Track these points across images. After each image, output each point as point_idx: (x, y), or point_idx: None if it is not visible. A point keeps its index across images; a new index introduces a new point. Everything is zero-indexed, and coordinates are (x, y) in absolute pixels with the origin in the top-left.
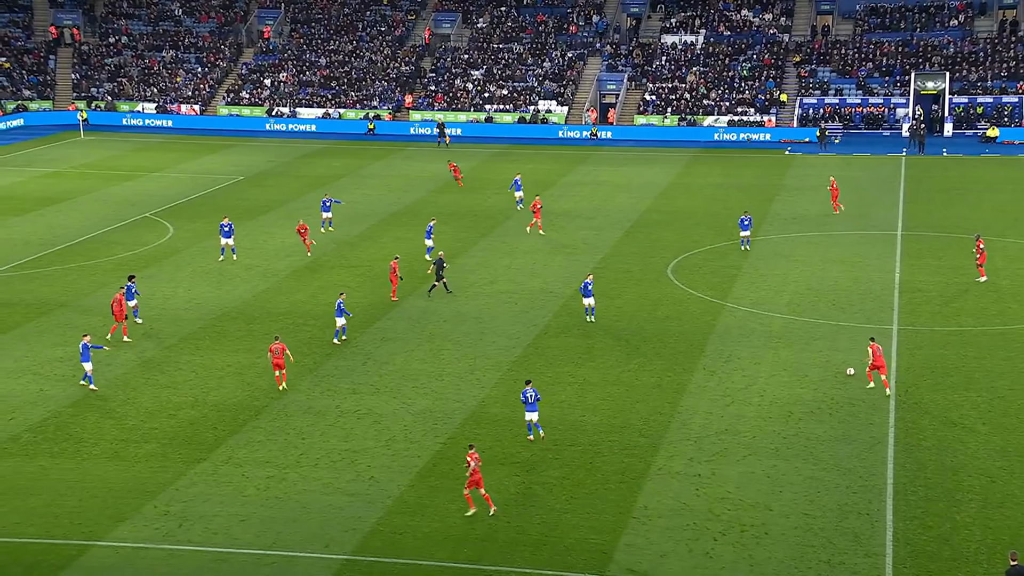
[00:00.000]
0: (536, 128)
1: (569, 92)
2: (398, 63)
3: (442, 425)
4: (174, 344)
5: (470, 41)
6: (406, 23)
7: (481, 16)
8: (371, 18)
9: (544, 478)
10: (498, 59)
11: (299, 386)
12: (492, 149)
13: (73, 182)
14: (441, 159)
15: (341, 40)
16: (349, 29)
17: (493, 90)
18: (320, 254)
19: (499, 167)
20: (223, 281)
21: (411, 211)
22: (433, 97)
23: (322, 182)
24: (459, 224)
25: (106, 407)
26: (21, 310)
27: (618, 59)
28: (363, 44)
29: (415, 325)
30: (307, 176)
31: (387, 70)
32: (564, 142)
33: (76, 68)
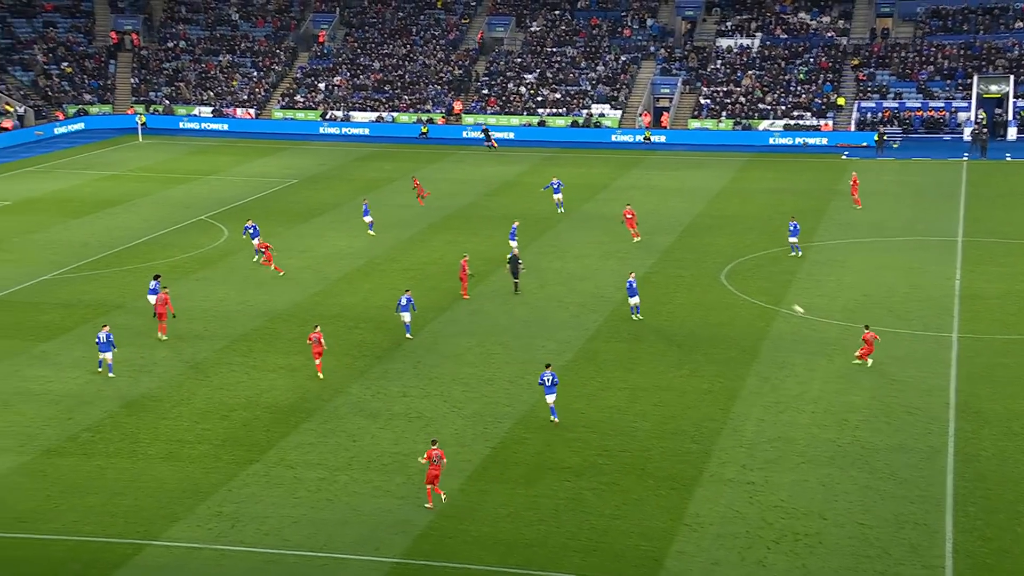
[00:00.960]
0: (589, 132)
1: (622, 96)
2: (451, 67)
3: (492, 429)
4: (227, 346)
5: (523, 45)
6: (459, 27)
7: (534, 20)
8: (424, 22)
9: (594, 483)
10: (551, 63)
11: (350, 389)
12: (544, 153)
13: (131, 185)
14: (492, 163)
15: (395, 44)
16: (403, 33)
17: (546, 94)
18: (372, 257)
19: (551, 171)
20: (276, 283)
21: (462, 215)
22: (486, 101)
23: (374, 185)
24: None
25: (160, 408)
26: (80, 311)
27: (672, 63)
28: (416, 48)
29: (466, 329)
30: (359, 179)
31: (440, 74)
32: (617, 146)
33: (135, 73)
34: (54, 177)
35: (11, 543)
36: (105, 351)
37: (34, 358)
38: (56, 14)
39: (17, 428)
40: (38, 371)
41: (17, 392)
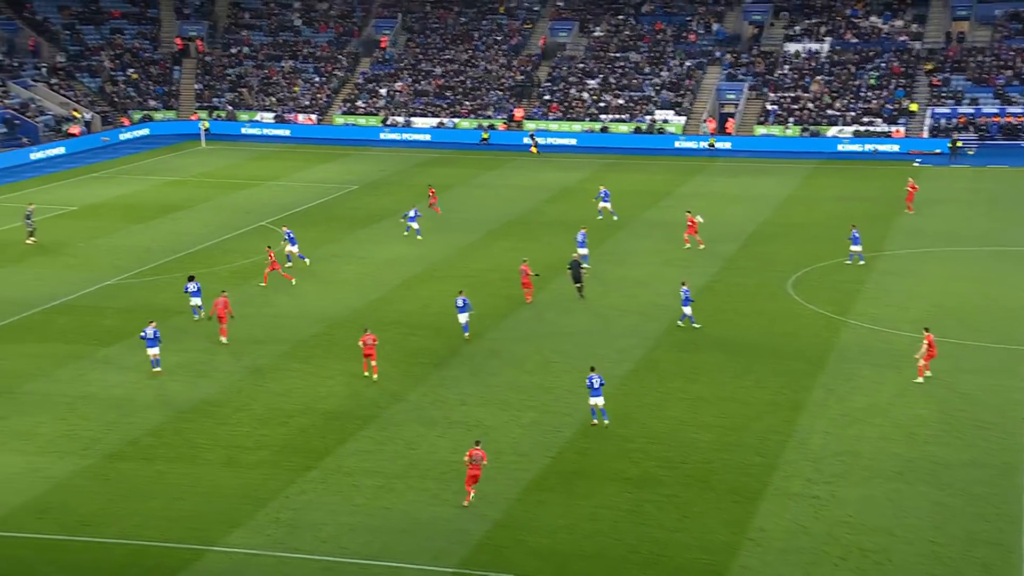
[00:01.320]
0: (652, 138)
1: (687, 102)
2: (513, 72)
3: (551, 439)
4: (286, 352)
5: (586, 50)
6: (522, 32)
7: (598, 24)
8: (487, 27)
9: (655, 495)
10: (614, 68)
11: (408, 396)
12: (606, 160)
13: (193, 190)
14: (552, 169)
15: (456, 49)
16: (464, 38)
17: (609, 100)
18: (431, 263)
19: (613, 178)
20: (335, 289)
21: (522, 221)
22: (547, 107)
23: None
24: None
25: (220, 413)
26: (142, 316)
27: (738, 68)
28: (478, 53)
29: (525, 337)
30: (419, 185)
31: (502, 79)
32: (680, 153)
33: (199, 78)
34: (119, 182)
35: (75, 546)
36: (152, 347)
37: (97, 362)
38: (123, 21)
39: (81, 431)
40: (101, 375)
41: (81, 396)
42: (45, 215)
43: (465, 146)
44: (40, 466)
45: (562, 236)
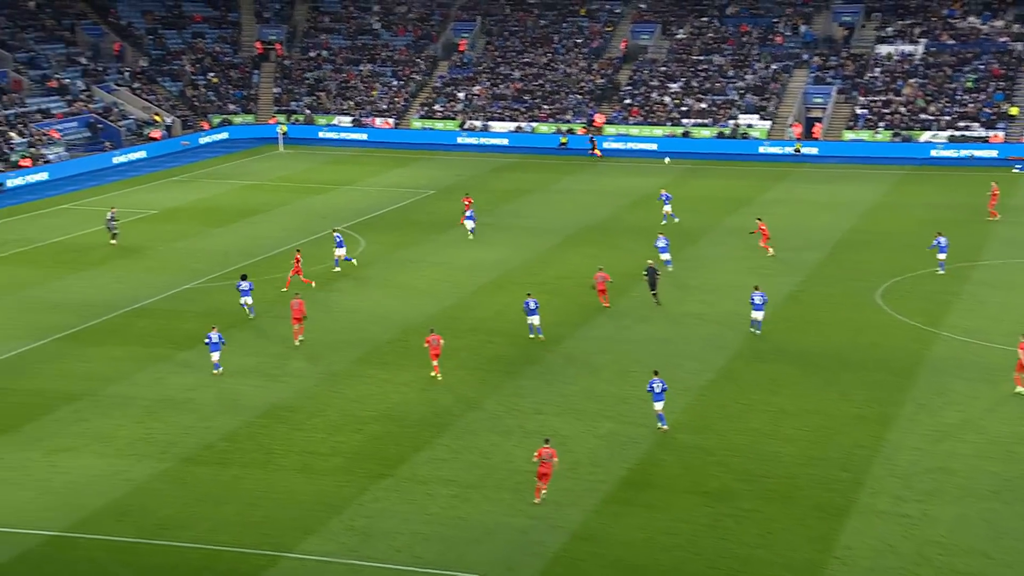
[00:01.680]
0: (735, 143)
1: (772, 106)
2: (593, 76)
3: (628, 450)
4: (361, 357)
5: (669, 53)
6: (603, 34)
7: (681, 27)
8: (567, 29)
9: (735, 509)
10: (697, 71)
11: (484, 404)
12: (688, 165)
13: (270, 194)
14: (632, 174)
15: (536, 52)
16: (544, 41)
17: (691, 103)
18: (507, 270)
19: (694, 184)
20: (410, 295)
21: (601, 227)
22: (628, 111)
23: (511, 196)
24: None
25: (295, 419)
26: (219, 320)
27: (827, 71)
28: (558, 56)
29: (601, 345)
30: (496, 190)
31: (582, 83)
32: (765, 158)
33: (278, 82)
34: (198, 186)
35: (152, 550)
36: (215, 351)
37: (176, 366)
38: (205, 25)
39: (158, 435)
40: (179, 379)
41: (159, 399)
42: (126, 219)
43: (543, 151)
44: (120, 469)
45: (641, 242)
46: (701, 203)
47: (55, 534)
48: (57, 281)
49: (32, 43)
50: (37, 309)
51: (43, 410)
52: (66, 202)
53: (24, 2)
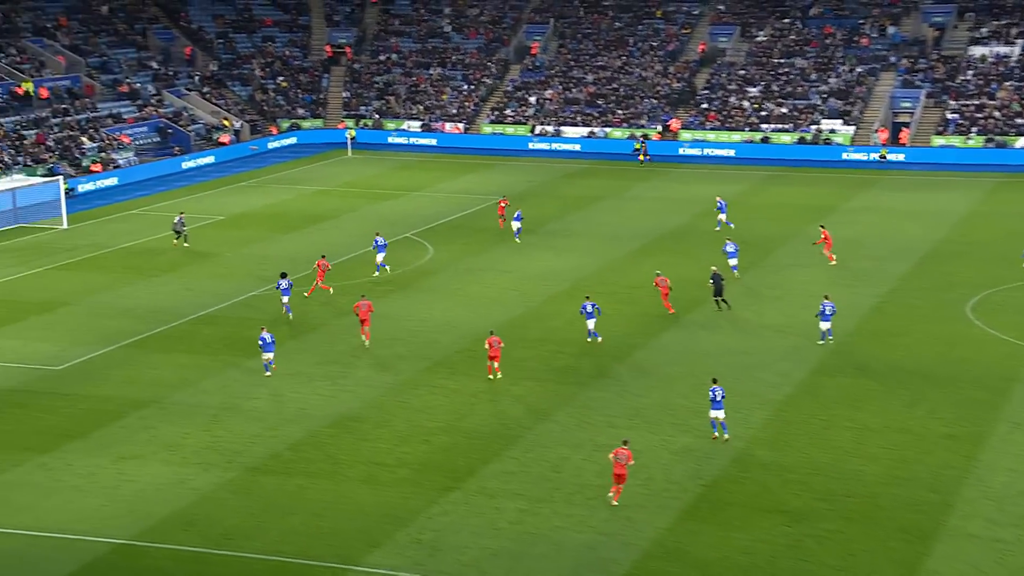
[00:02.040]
0: (817, 149)
1: (856, 110)
2: (669, 80)
3: (704, 466)
4: (428, 367)
5: (748, 56)
6: (680, 37)
7: (761, 28)
8: (643, 32)
9: (817, 530)
10: (778, 75)
11: (555, 416)
12: (767, 172)
13: (338, 200)
14: (709, 182)
15: (610, 55)
16: (619, 44)
17: (771, 108)
18: (579, 279)
19: (773, 191)
20: (479, 304)
21: (675, 235)
22: (705, 116)
23: (583, 203)
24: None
25: (361, 429)
26: (286, 328)
27: (915, 74)
28: (633, 59)
29: (676, 357)
30: (568, 197)
31: (657, 87)
32: (848, 165)
33: (347, 86)
34: (266, 192)
35: (218, 559)
36: (268, 351)
37: (242, 374)
38: (275, 29)
39: (224, 444)
40: (245, 387)
41: (226, 407)
42: (194, 224)
43: (616, 156)
44: (186, 477)
45: (718, 251)
46: (780, 211)
47: (122, 542)
48: (126, 287)
49: (104, 48)
50: (106, 315)
51: (111, 417)
52: (135, 207)
53: (97, 7)
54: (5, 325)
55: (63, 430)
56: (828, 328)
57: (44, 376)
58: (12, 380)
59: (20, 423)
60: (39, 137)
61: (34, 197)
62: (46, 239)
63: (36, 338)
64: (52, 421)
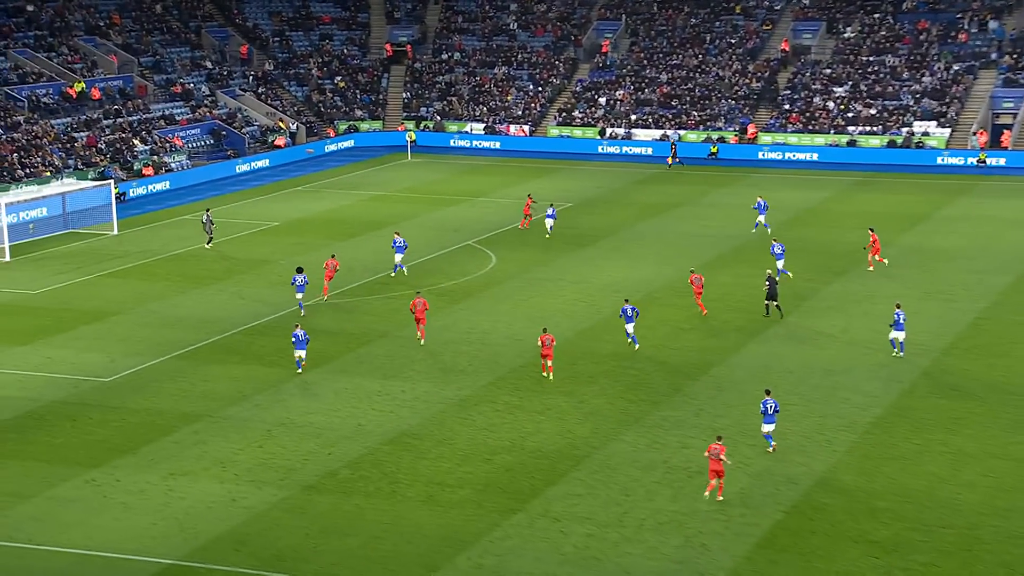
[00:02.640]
0: (909, 153)
1: (952, 111)
2: (748, 79)
3: (784, 491)
4: (492, 382)
5: (834, 53)
6: (760, 33)
7: (849, 24)
8: (720, 28)
9: (909, 563)
10: (866, 73)
11: (624, 436)
12: (853, 177)
13: (397, 206)
14: (791, 188)
15: (685, 54)
16: (695, 41)
17: (859, 109)
18: (652, 290)
19: (860, 199)
20: (545, 316)
21: (756, 245)
22: (786, 117)
23: (656, 210)
24: (810, 262)
25: (421, 447)
26: (343, 340)
27: (1019, 72)
28: (710, 58)
29: (755, 375)
30: (639, 204)
31: (735, 87)
32: (943, 170)
33: (407, 87)
34: (322, 197)
35: None
36: (300, 348)
37: (296, 388)
38: (333, 26)
39: (279, 461)
40: (300, 402)
41: (280, 423)
42: (248, 230)
43: (691, 161)
44: (238, 495)
45: (800, 263)
46: (869, 220)
47: (171, 563)
48: (178, 295)
49: (158, 47)
50: (157, 324)
51: (162, 431)
52: (188, 213)
53: (150, 5)
54: (55, 334)
55: (112, 444)
56: (902, 340)
57: (94, 388)
58: (62, 391)
59: (69, 436)
60: (90, 139)
61: (85, 202)
62: (96, 245)
63: (86, 348)
64: (102, 435)
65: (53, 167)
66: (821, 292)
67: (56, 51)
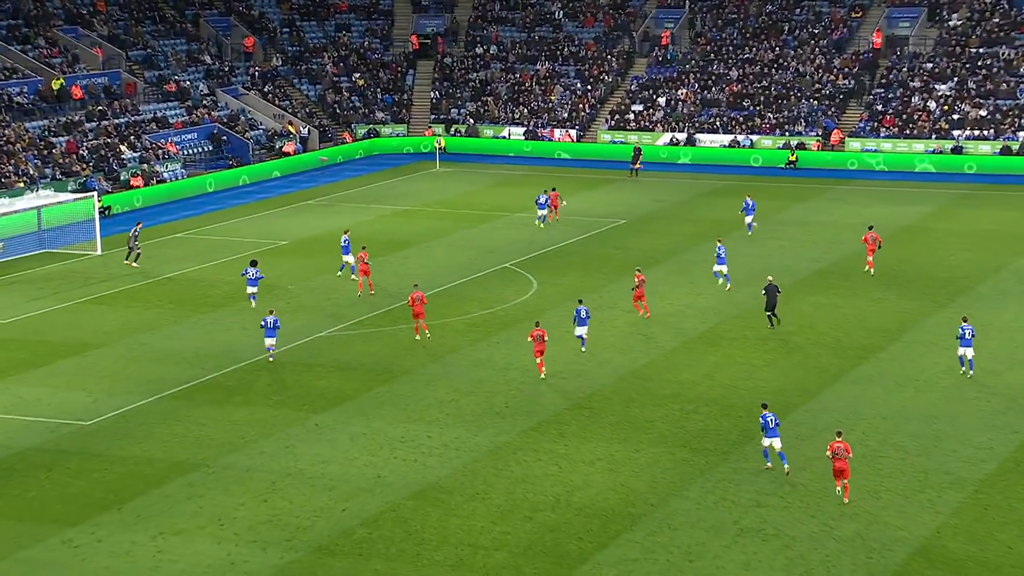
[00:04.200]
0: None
1: None
2: (834, 75)
3: (878, 558)
4: (533, 428)
5: (936, 45)
6: (848, 22)
7: (955, 11)
8: (801, 17)
9: None
10: (975, 69)
11: (687, 491)
12: (958, 190)
13: (424, 222)
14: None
15: (759, 47)
16: (771, 32)
17: (965, 110)
18: (720, 320)
19: (967, 215)
20: (596, 351)
21: (839, 270)
22: (878, 120)
23: (724, 228)
24: (909, 290)
25: (451, 502)
26: (361, 376)
27: None
28: (788, 51)
29: (842, 421)
30: (704, 220)
31: (818, 84)
32: None
33: (436, 85)
34: (337, 212)
35: None
36: (270, 336)
37: (307, 432)
38: (351, 15)
39: (286, 518)
40: (311, 448)
41: (287, 473)
42: (252, 251)
43: (765, 171)
44: (239, 558)
45: (896, 292)
46: (977, 240)
47: None
48: (171, 325)
49: (149, 38)
50: (147, 359)
51: (151, 483)
52: (183, 230)
53: None
54: (28, 370)
55: (94, 498)
56: (970, 357)
57: (73, 432)
58: (36, 437)
59: (44, 489)
60: (70, 145)
61: (63, 217)
62: (77, 267)
63: (64, 386)
64: (81, 487)
65: (27, 177)
66: (921, 324)
67: (32, 43)
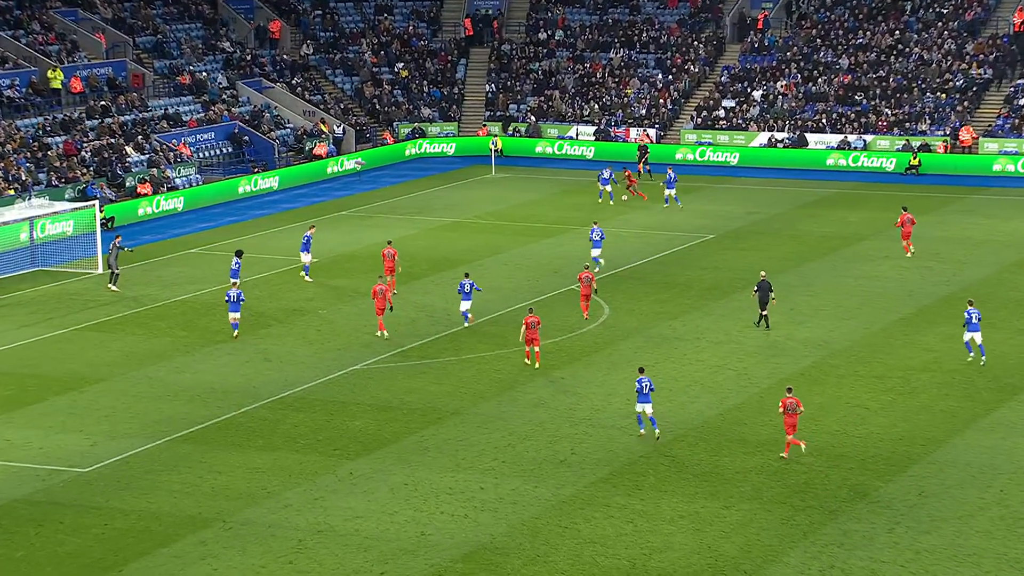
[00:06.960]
0: None
1: None
2: (966, 64)
3: None
4: (603, 478)
5: None
6: (984, 3)
7: None
8: None
9: None
10: None
11: (788, 556)
12: None
13: (476, 237)
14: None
15: (875, 31)
16: (889, 13)
17: None
18: (827, 354)
19: None
20: (678, 388)
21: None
22: (1020, 117)
23: (833, 245)
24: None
25: (507, 566)
26: (402, 417)
27: None
28: (910, 35)
29: (975, 476)
30: (805, 235)
31: (947, 75)
32: None
33: (492, 76)
34: (375, 224)
35: None
36: (234, 311)
37: (339, 482)
38: None
39: None
40: (343, 500)
41: (316, 529)
42: (276, 269)
43: (883, 177)
44: None
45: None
46: None
47: None
48: (182, 356)
49: (159, 23)
50: (154, 396)
51: (158, 541)
52: (197, 244)
53: None
54: (17, 409)
55: (91, 558)
56: (979, 342)
57: (68, 482)
58: (26, 486)
59: (33, 548)
60: (68, 146)
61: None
62: (74, 288)
63: (58, 428)
64: (76, 545)
65: (18, 183)
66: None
67: (24, 28)
